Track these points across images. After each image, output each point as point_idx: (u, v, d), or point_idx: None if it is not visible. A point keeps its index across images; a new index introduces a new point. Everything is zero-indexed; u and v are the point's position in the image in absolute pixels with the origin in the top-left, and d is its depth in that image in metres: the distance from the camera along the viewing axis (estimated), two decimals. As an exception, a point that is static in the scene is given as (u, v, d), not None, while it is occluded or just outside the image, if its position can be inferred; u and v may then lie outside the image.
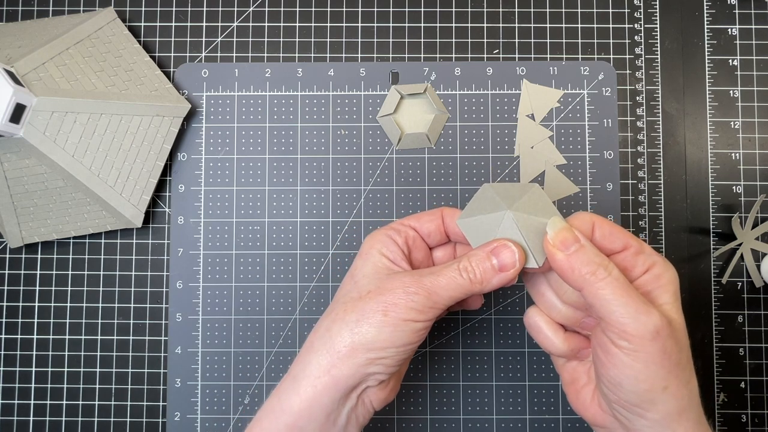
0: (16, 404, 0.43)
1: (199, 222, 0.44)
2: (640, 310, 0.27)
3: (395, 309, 0.28)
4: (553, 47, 0.45)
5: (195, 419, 0.43)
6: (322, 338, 0.30)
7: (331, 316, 0.30)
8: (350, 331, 0.29)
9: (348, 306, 0.30)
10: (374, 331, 0.28)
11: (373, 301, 0.29)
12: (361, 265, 0.31)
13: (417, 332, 0.29)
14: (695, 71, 0.45)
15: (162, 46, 0.45)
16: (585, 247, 0.28)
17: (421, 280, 0.29)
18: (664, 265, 0.30)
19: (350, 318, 0.29)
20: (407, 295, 0.29)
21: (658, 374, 0.27)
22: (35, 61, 0.39)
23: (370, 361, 0.29)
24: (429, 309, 0.29)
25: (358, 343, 0.28)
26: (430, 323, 0.29)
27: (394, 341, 0.28)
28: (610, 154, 0.44)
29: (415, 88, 0.44)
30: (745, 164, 0.44)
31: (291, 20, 0.45)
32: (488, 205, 0.31)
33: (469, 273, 0.29)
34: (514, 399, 0.43)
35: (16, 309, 0.44)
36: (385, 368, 0.29)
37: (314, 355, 0.29)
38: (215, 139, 0.44)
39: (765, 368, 0.43)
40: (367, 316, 0.29)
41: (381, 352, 0.29)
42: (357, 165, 0.44)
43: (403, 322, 0.28)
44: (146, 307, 0.44)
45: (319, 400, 0.29)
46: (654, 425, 0.28)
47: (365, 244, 0.32)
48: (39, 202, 0.41)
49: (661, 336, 0.27)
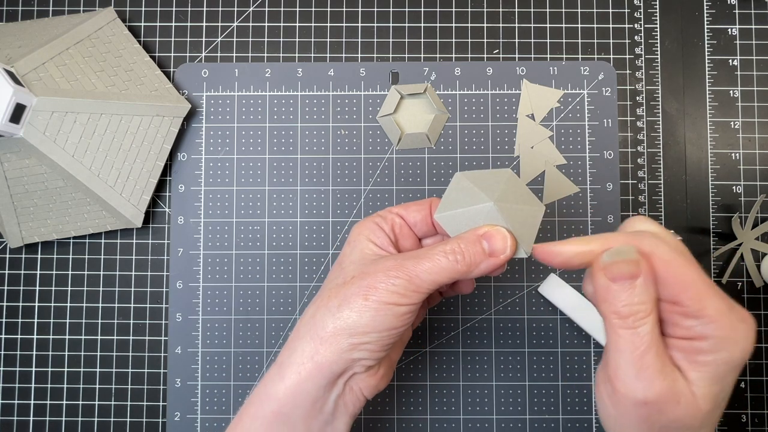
0: (16, 404, 0.43)
1: (199, 222, 0.44)
2: (641, 376, 0.24)
3: (375, 293, 0.28)
4: (553, 47, 0.45)
5: (195, 419, 0.43)
6: (307, 325, 0.29)
7: (316, 303, 0.30)
8: (332, 316, 0.28)
9: (332, 292, 0.29)
10: (355, 315, 0.28)
11: (355, 285, 0.29)
12: (349, 252, 0.31)
13: (400, 316, 0.28)
14: (695, 71, 0.45)
15: (162, 46, 0.45)
16: (639, 290, 0.24)
17: (403, 264, 0.28)
18: (721, 344, 0.24)
19: (332, 304, 0.29)
20: (388, 278, 0.28)
21: (630, 428, 0.26)
22: (35, 61, 0.39)
23: (352, 346, 0.28)
24: (411, 293, 0.28)
25: (340, 328, 0.28)
26: (414, 307, 0.29)
27: (376, 326, 0.28)
28: (610, 154, 0.44)
29: (415, 88, 0.44)
30: (745, 164, 0.44)
31: (291, 20, 0.45)
32: (467, 197, 0.30)
33: (456, 255, 0.28)
34: (514, 399, 0.43)
35: (16, 309, 0.44)
36: (369, 353, 0.29)
37: (299, 342, 0.29)
38: (215, 139, 0.44)
39: (765, 368, 0.43)
40: (349, 300, 0.28)
41: (363, 336, 0.28)
42: (357, 165, 0.44)
43: (385, 306, 0.28)
44: (146, 307, 0.44)
45: (303, 386, 0.29)
46: None
47: (353, 232, 0.32)
48: (39, 202, 0.41)
49: (646, 407, 0.24)
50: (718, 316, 0.24)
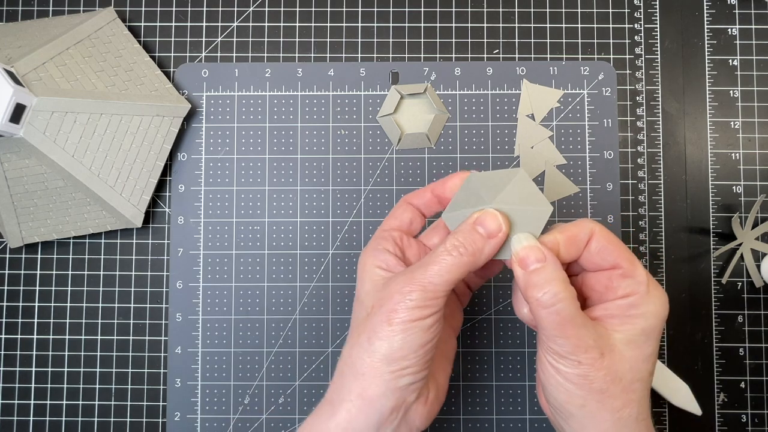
0: (16, 404, 0.43)
1: (199, 222, 0.44)
2: (578, 347, 0.27)
3: (397, 314, 0.28)
4: (553, 47, 0.45)
5: (195, 419, 0.43)
6: (347, 364, 0.30)
7: (350, 342, 0.30)
8: (366, 351, 0.29)
9: (360, 328, 0.30)
10: (386, 344, 0.28)
11: (377, 314, 0.29)
12: (361, 285, 0.31)
13: (428, 329, 0.28)
14: (695, 71, 0.45)
15: (162, 46, 0.45)
16: (547, 268, 0.28)
17: (413, 276, 0.29)
18: (647, 299, 0.29)
19: (363, 339, 0.29)
20: (404, 296, 0.28)
21: (575, 393, 0.28)
22: (35, 61, 0.39)
23: (394, 374, 0.28)
24: (430, 301, 0.28)
25: (377, 361, 0.28)
26: (438, 315, 0.29)
27: (409, 346, 0.28)
28: (610, 154, 0.44)
29: (415, 88, 0.44)
30: (745, 164, 0.44)
31: (291, 20, 0.45)
32: (472, 198, 0.30)
33: (459, 248, 0.29)
34: (514, 399, 0.43)
35: (16, 309, 0.44)
36: (413, 376, 0.29)
37: (345, 380, 0.29)
38: (215, 139, 0.44)
39: (765, 368, 0.43)
40: (376, 331, 0.28)
41: (402, 362, 0.28)
42: (357, 165, 0.44)
43: (411, 324, 0.28)
44: (146, 307, 0.44)
45: (355, 424, 0.29)
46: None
47: (359, 264, 0.32)
48: (39, 202, 0.41)
49: (582, 365, 0.27)
50: (645, 277, 0.29)
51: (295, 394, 0.43)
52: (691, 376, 0.43)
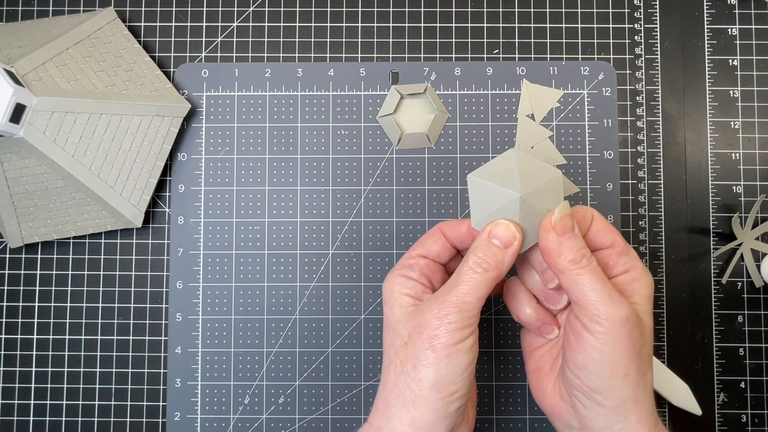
0: (16, 404, 0.43)
1: (199, 222, 0.44)
2: (613, 297, 0.29)
3: (439, 339, 0.29)
4: (553, 47, 0.45)
5: (195, 419, 0.43)
6: (393, 393, 0.30)
7: (393, 371, 0.30)
8: (413, 380, 0.29)
9: (401, 355, 0.30)
10: (432, 371, 0.28)
11: (417, 342, 0.29)
12: (390, 312, 0.32)
13: (470, 350, 0.29)
14: (695, 71, 0.45)
15: (162, 46, 0.45)
16: (577, 237, 0.30)
17: (446, 299, 0.29)
18: (643, 270, 0.32)
19: (408, 367, 0.29)
20: (442, 320, 0.29)
21: (621, 360, 0.29)
22: (35, 61, 0.39)
23: (444, 400, 0.29)
24: (467, 320, 0.29)
25: (426, 389, 0.29)
26: (476, 334, 0.30)
27: (456, 370, 0.29)
28: (610, 154, 0.44)
29: (415, 88, 0.44)
30: (745, 164, 0.44)
31: (291, 20, 0.45)
32: (505, 176, 0.31)
33: (481, 264, 0.30)
34: (514, 399, 0.43)
35: (16, 309, 0.44)
36: (461, 400, 0.29)
37: (393, 410, 0.30)
38: (215, 139, 0.44)
39: (765, 368, 0.43)
40: (419, 358, 0.29)
41: (450, 386, 0.29)
42: (357, 165, 0.44)
43: (454, 347, 0.29)
44: (146, 307, 0.44)
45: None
46: (609, 413, 0.29)
47: (385, 290, 0.33)
48: (39, 202, 0.41)
49: (629, 323, 0.29)
50: (636, 255, 0.32)
51: (295, 394, 0.43)
52: (691, 376, 0.43)
